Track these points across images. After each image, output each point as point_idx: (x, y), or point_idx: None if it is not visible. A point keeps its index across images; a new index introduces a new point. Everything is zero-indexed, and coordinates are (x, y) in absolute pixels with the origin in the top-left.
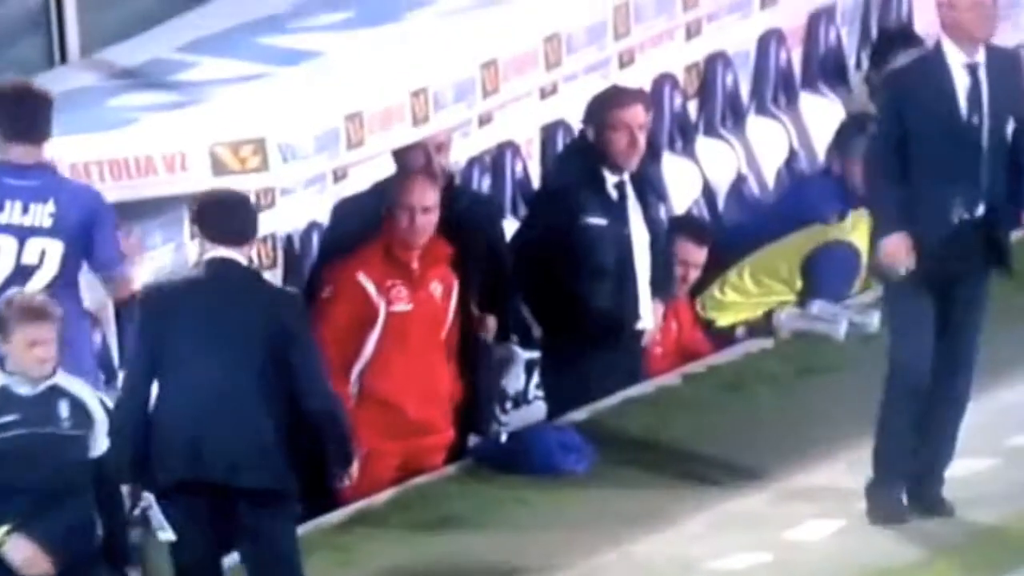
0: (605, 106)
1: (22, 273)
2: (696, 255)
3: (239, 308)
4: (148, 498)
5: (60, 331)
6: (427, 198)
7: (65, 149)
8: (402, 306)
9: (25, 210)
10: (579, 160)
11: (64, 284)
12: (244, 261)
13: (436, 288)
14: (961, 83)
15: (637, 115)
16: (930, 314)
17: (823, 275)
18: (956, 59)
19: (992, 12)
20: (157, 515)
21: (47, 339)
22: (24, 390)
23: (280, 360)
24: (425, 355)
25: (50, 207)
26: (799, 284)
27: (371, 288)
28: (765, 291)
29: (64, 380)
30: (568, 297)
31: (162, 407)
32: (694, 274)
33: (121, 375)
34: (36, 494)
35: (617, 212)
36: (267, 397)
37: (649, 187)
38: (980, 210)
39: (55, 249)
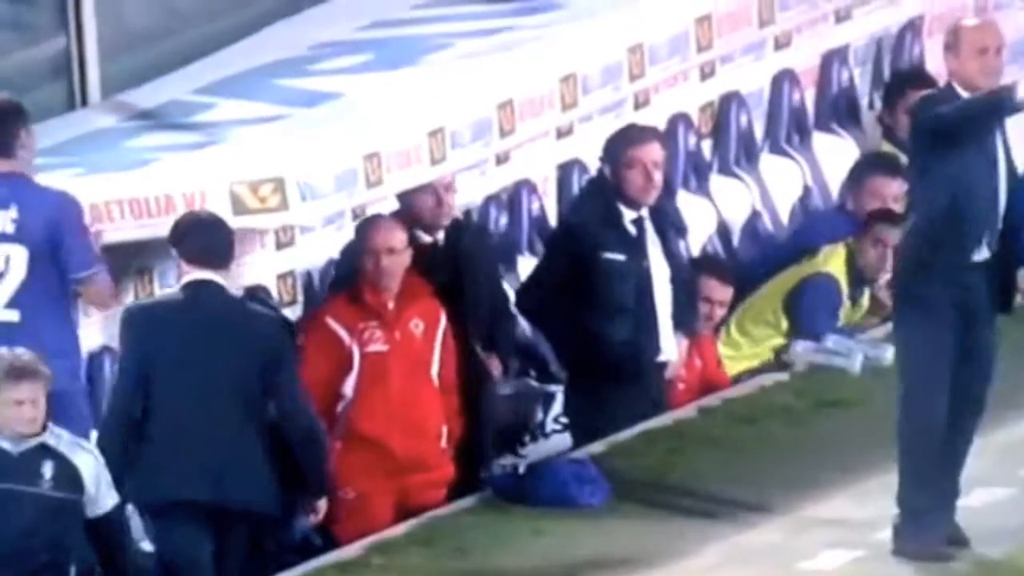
0: (621, 144)
1: None
2: (721, 293)
3: (222, 330)
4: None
5: (48, 385)
6: (393, 240)
7: (85, 189)
8: (378, 346)
9: None
10: (597, 197)
11: (39, 292)
12: (224, 283)
13: (417, 326)
14: None
15: (653, 152)
16: (947, 350)
17: (806, 309)
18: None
19: (995, 64)
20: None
21: (34, 398)
22: (8, 446)
23: (264, 382)
24: (409, 393)
25: (12, 213)
26: (785, 324)
27: (342, 332)
28: (753, 341)
29: (54, 439)
30: (589, 332)
31: (152, 428)
32: (719, 312)
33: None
34: (9, 549)
35: (636, 247)
36: (253, 419)
37: (667, 222)
38: (993, 248)
39: (19, 255)
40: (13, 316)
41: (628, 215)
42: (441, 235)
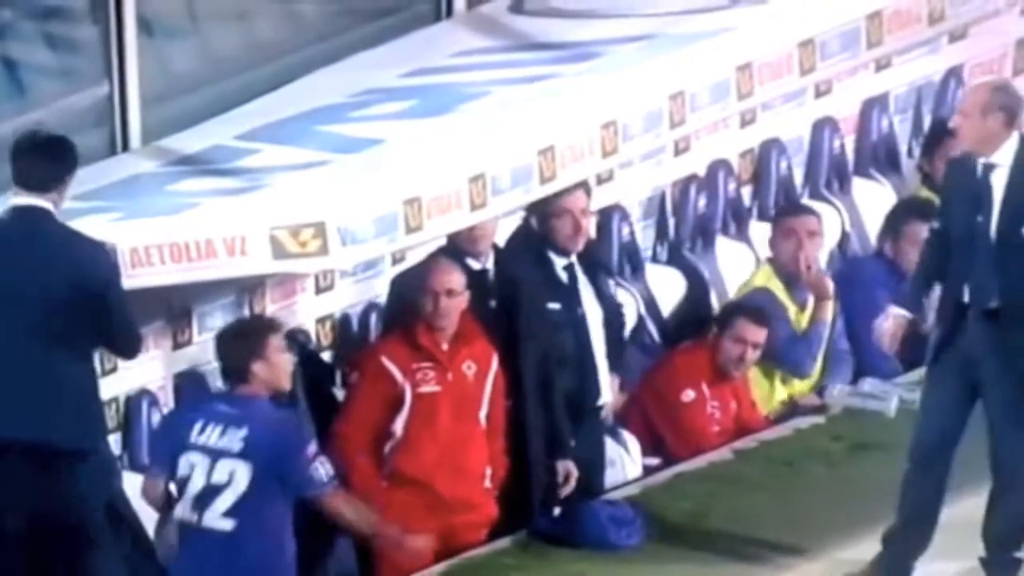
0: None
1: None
2: (755, 335)
3: (43, 258)
4: None
5: None
6: (452, 281)
7: (125, 233)
8: (430, 387)
9: (222, 434)
10: (526, 249)
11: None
12: (49, 208)
13: (469, 368)
14: (977, 181)
15: (580, 200)
16: (952, 397)
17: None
18: (979, 158)
19: (975, 126)
20: None
21: None
22: None
23: (88, 308)
24: (457, 434)
25: (243, 432)
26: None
27: (396, 371)
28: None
29: None
30: (534, 379)
31: None
32: (752, 354)
33: None
34: None
35: (569, 295)
36: (74, 348)
37: (597, 264)
38: (991, 304)
39: (243, 471)
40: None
41: (559, 263)
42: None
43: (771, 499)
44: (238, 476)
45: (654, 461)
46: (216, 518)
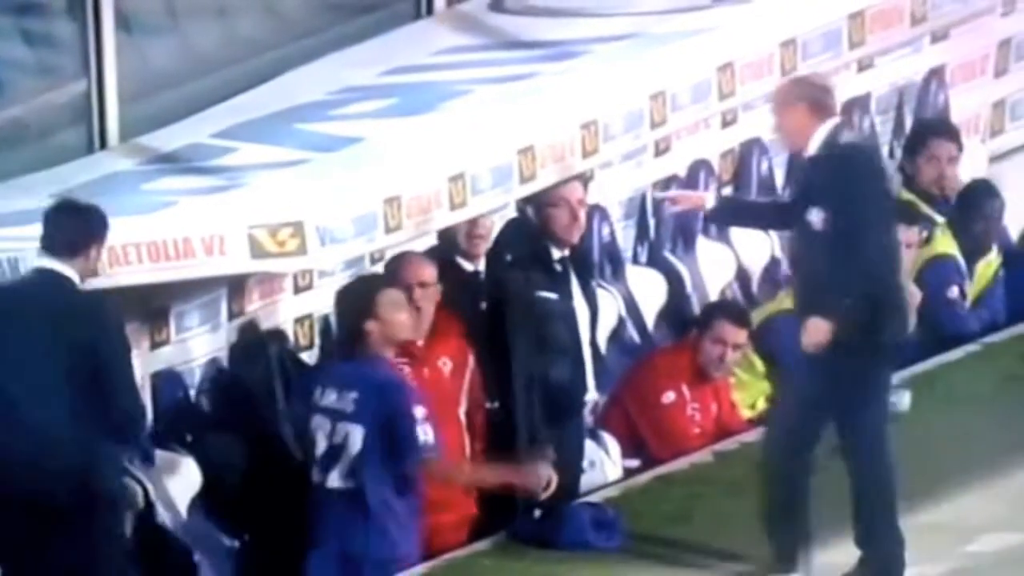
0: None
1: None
2: (735, 336)
3: (51, 318)
4: None
5: None
6: (424, 274)
7: None
8: None
9: (338, 396)
10: (523, 238)
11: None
12: (72, 274)
13: (445, 364)
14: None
15: (577, 191)
16: (807, 395)
17: (776, 347)
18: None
19: (781, 122)
20: None
21: None
22: None
23: (93, 366)
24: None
25: (354, 394)
26: (761, 367)
27: None
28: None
29: None
30: (525, 371)
31: None
32: (732, 355)
33: None
34: None
35: (563, 287)
36: (80, 407)
37: (586, 262)
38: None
39: (357, 433)
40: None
41: (556, 253)
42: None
43: (752, 502)
44: (352, 438)
45: (634, 463)
46: (337, 479)
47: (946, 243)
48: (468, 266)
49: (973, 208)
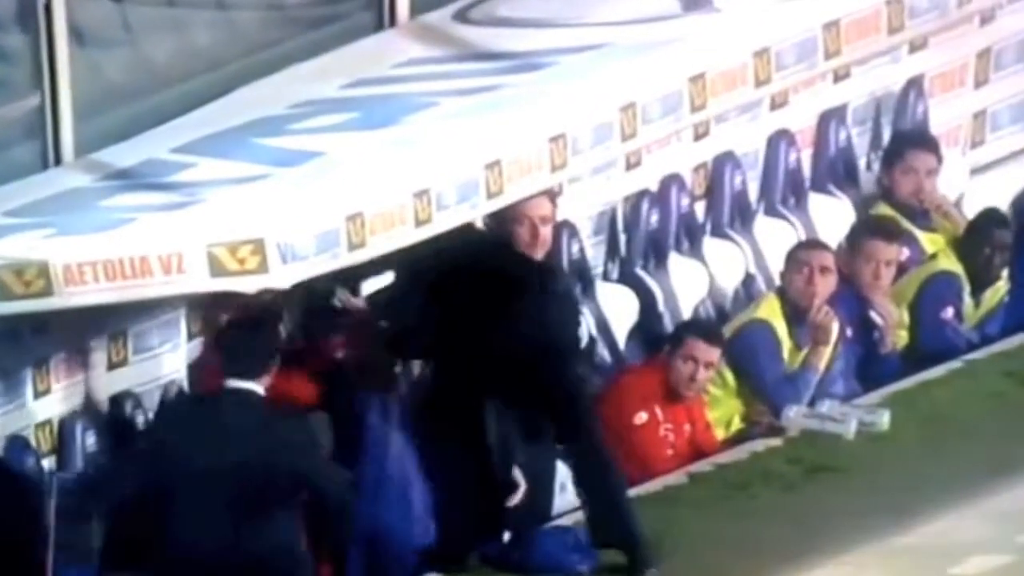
0: None
1: None
2: (707, 354)
3: (247, 442)
4: None
5: None
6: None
7: (58, 250)
8: None
9: None
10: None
11: None
12: (261, 391)
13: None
14: None
15: (539, 206)
16: None
17: (746, 357)
18: None
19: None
20: None
21: None
22: None
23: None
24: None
25: None
26: (733, 382)
27: None
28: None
29: None
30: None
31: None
32: (704, 373)
33: None
34: None
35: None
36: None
37: (554, 279)
38: None
39: None
40: None
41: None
42: None
43: (725, 523)
44: None
45: None
46: None
47: (949, 261)
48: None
49: (982, 235)
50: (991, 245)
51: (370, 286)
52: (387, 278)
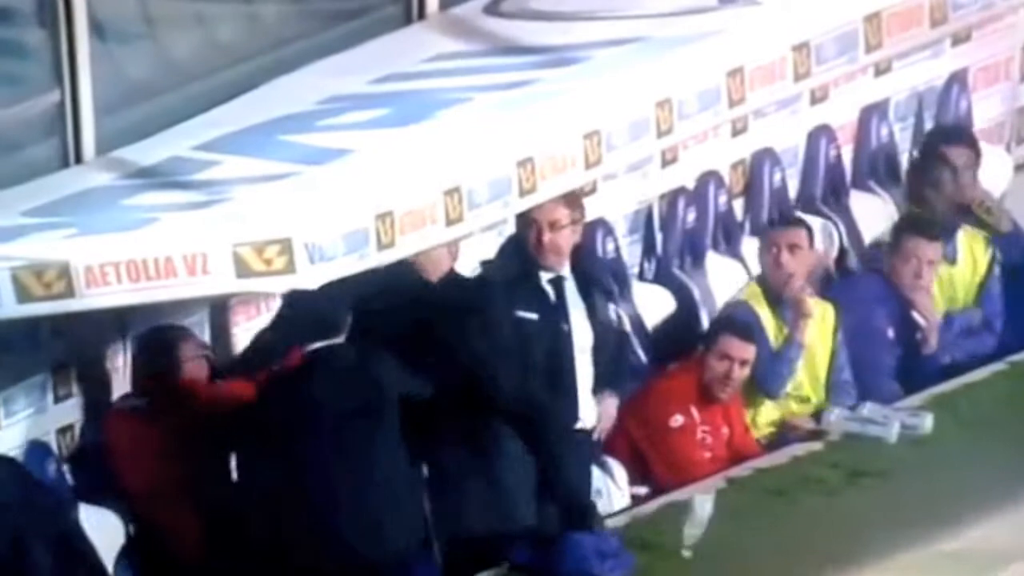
0: None
1: None
2: (741, 351)
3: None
4: None
5: None
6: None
7: (80, 251)
8: None
9: None
10: (512, 256)
11: None
12: None
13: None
14: None
15: (549, 211)
16: None
17: None
18: None
19: None
20: None
21: None
22: None
23: None
24: None
25: None
26: None
27: None
28: None
29: None
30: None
31: None
32: (739, 372)
33: None
34: None
35: (552, 309)
36: None
37: (595, 285)
38: None
39: None
40: None
41: (544, 275)
42: None
43: (764, 529)
44: None
45: (642, 490)
46: None
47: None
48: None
49: None
50: None
51: None
52: None
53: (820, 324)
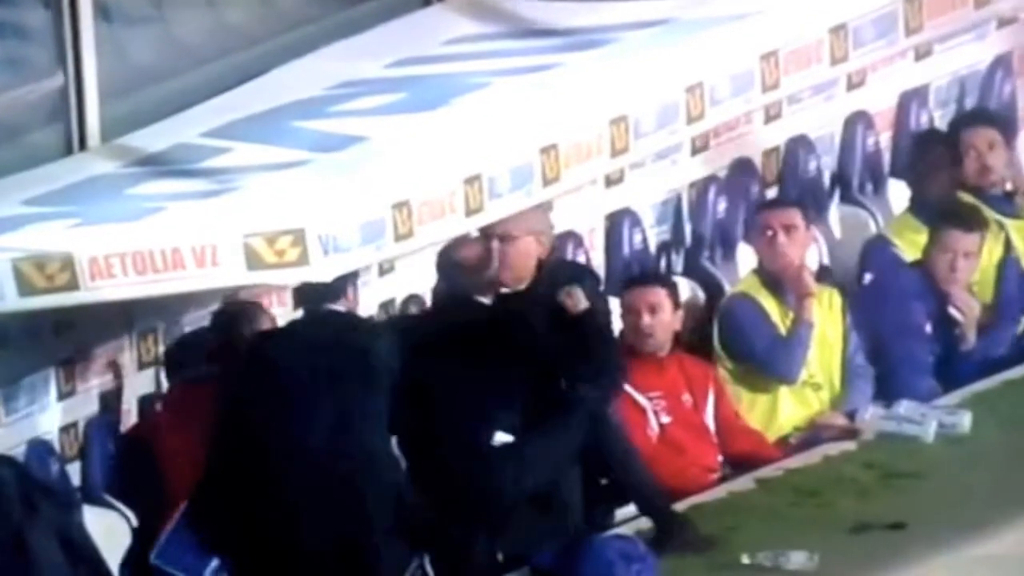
0: None
1: None
2: (648, 296)
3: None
4: None
5: None
6: None
7: (84, 241)
8: None
9: None
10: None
11: None
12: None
13: None
14: None
15: (504, 223)
16: None
17: (733, 334)
18: None
19: None
20: None
21: None
22: None
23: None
24: None
25: None
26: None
27: None
28: None
29: None
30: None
31: None
32: (649, 319)
33: None
34: None
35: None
36: None
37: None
38: None
39: None
40: None
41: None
42: None
43: (795, 532)
44: None
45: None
46: None
47: None
48: None
49: None
50: None
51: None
52: None
53: (828, 310)
